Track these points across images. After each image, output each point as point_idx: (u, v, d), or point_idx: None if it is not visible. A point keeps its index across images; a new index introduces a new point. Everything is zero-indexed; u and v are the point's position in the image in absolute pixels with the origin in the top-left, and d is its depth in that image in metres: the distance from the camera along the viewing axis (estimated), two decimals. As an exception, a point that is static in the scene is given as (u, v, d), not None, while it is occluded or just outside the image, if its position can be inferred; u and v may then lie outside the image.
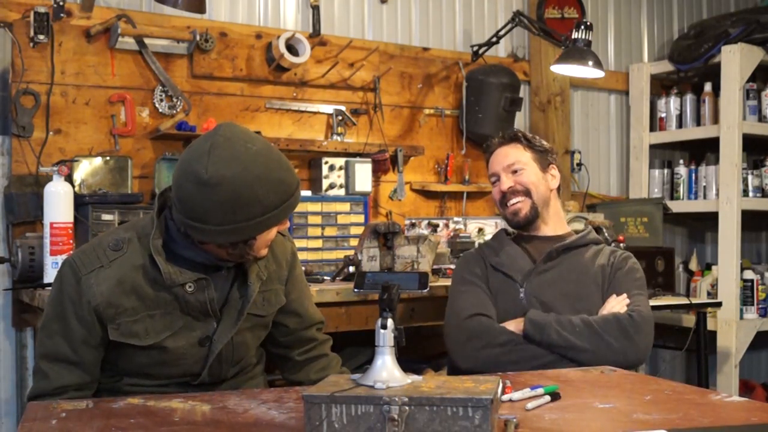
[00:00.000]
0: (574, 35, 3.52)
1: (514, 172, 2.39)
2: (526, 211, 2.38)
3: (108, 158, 3.18)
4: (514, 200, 2.38)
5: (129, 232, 1.80)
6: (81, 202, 2.91)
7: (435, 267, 3.10)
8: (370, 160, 3.61)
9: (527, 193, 2.38)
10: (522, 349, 2.19)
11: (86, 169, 3.14)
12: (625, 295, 2.27)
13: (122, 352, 1.78)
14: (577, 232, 2.46)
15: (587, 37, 3.51)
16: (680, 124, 4.50)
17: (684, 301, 3.70)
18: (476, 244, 2.78)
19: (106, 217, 2.92)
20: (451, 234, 3.63)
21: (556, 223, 2.43)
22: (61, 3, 3.06)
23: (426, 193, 3.96)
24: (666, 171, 4.57)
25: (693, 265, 4.61)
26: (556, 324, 2.18)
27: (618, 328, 2.17)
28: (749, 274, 4.15)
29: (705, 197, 4.37)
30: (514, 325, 2.24)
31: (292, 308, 2.00)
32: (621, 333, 2.16)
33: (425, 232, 3.58)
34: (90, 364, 1.77)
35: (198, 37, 3.37)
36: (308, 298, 2.07)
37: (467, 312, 2.29)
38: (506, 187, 2.39)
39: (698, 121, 4.42)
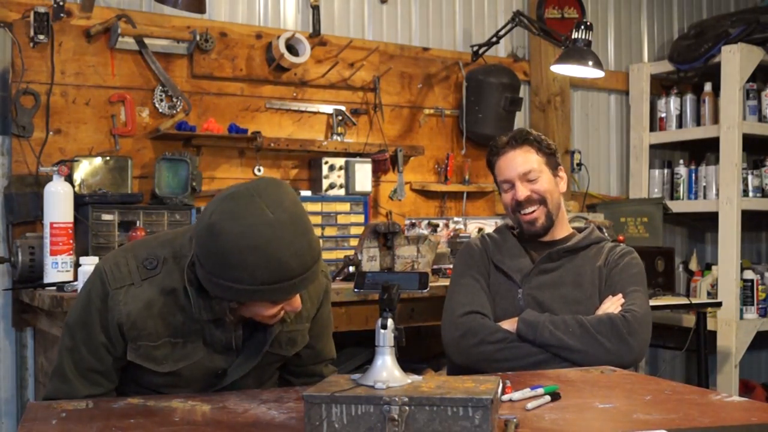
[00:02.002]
0: (574, 35, 3.52)
1: (530, 180, 2.33)
2: (542, 221, 2.33)
3: (108, 158, 3.18)
4: (529, 209, 2.33)
5: (166, 248, 1.74)
6: (81, 202, 2.91)
7: (435, 267, 3.11)
8: (370, 160, 3.61)
9: (543, 201, 2.33)
10: (516, 347, 2.19)
11: (86, 169, 3.13)
12: (620, 295, 2.26)
13: (135, 369, 1.75)
14: (579, 230, 2.45)
15: (587, 37, 3.51)
16: (680, 124, 4.50)
17: (684, 301, 3.70)
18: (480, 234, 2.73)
19: (106, 217, 2.92)
20: (451, 234, 3.64)
21: (562, 225, 2.41)
22: (61, 3, 3.06)
23: (426, 193, 3.96)
24: (666, 171, 4.57)
25: (693, 265, 4.61)
26: (550, 324, 2.18)
27: (611, 329, 2.16)
28: (749, 274, 4.15)
29: (705, 197, 4.37)
30: (509, 324, 2.24)
31: (309, 343, 1.94)
32: (614, 334, 2.15)
33: (425, 232, 3.58)
34: (112, 372, 1.74)
35: (198, 37, 3.37)
36: (327, 335, 2.00)
37: (463, 309, 2.29)
38: (523, 196, 2.32)
39: (698, 121, 4.42)
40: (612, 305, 2.24)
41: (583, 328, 2.16)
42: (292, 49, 3.53)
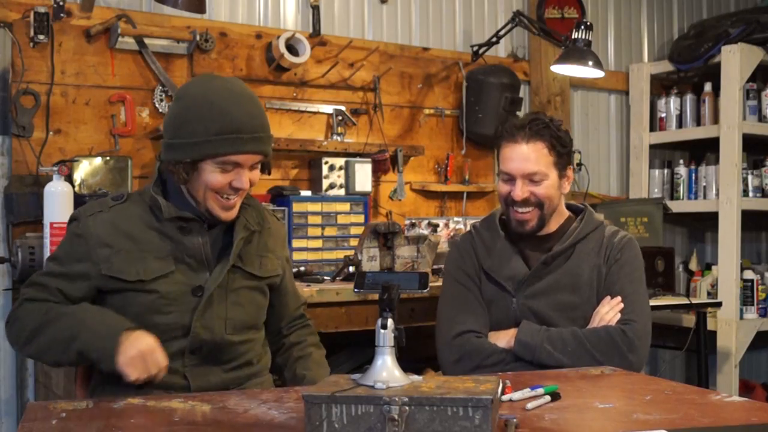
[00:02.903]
0: (574, 35, 3.51)
1: (533, 181, 2.18)
2: (533, 223, 2.22)
3: (108, 158, 3.18)
4: (523, 209, 2.20)
5: (133, 191, 2.00)
6: (81, 202, 2.89)
7: (435, 267, 3.11)
8: (370, 160, 3.61)
9: (539, 205, 2.20)
10: (513, 367, 2.14)
11: (86, 169, 3.14)
12: (618, 299, 2.19)
13: (114, 299, 1.84)
14: (574, 212, 2.32)
15: (587, 37, 3.50)
16: (680, 124, 4.50)
17: (684, 301, 3.70)
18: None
19: (106, 217, 2.92)
20: (451, 234, 3.63)
21: (555, 219, 2.28)
22: (61, 3, 3.06)
23: (426, 193, 3.96)
24: (666, 171, 4.57)
25: (693, 265, 4.61)
26: (548, 343, 2.12)
27: (611, 347, 2.10)
28: (749, 274, 4.15)
29: (705, 197, 4.37)
30: (506, 341, 2.18)
31: (290, 289, 2.12)
32: (614, 352, 2.10)
33: (425, 232, 3.58)
34: (61, 291, 1.85)
35: (198, 37, 3.37)
36: (293, 282, 2.18)
37: (456, 328, 2.22)
38: (521, 198, 2.18)
39: (698, 121, 4.42)
40: (610, 311, 2.18)
41: (581, 346, 2.11)
42: (292, 49, 3.53)
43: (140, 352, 1.70)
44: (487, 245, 2.30)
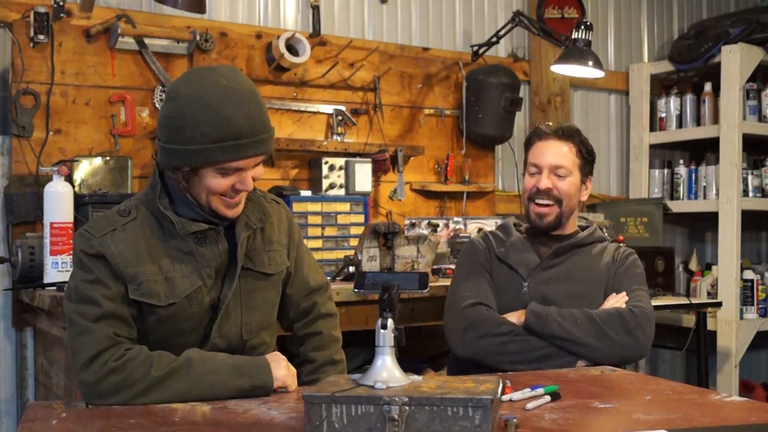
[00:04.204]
0: (574, 35, 3.51)
1: (558, 175, 2.35)
2: (551, 219, 2.36)
3: (108, 158, 3.18)
4: (544, 202, 2.35)
5: (132, 201, 1.81)
6: (81, 202, 2.91)
7: (435, 267, 3.11)
8: (370, 160, 3.61)
9: (559, 201, 2.35)
10: (521, 340, 2.20)
11: (86, 169, 3.14)
12: (624, 293, 2.29)
13: (138, 323, 1.74)
14: (581, 228, 2.47)
15: (587, 37, 3.50)
16: (680, 124, 4.50)
17: (684, 301, 3.70)
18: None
19: (106, 217, 2.92)
20: (451, 234, 3.63)
21: (570, 223, 2.43)
22: (61, 3, 3.06)
23: (426, 193, 3.96)
24: (666, 171, 4.57)
25: (693, 265, 4.61)
26: (558, 315, 2.19)
27: (620, 323, 2.18)
28: (749, 274, 4.15)
29: (705, 197, 4.37)
30: (516, 317, 2.25)
31: (297, 274, 2.01)
32: (622, 327, 2.17)
33: (425, 232, 3.58)
34: (131, 319, 1.72)
35: (198, 37, 3.37)
36: (305, 265, 2.05)
37: (467, 301, 2.29)
38: (544, 187, 2.34)
39: (698, 121, 4.42)
40: (617, 302, 2.27)
41: (591, 321, 2.18)
42: (292, 49, 3.53)
43: (286, 368, 1.74)
44: (501, 240, 2.45)
